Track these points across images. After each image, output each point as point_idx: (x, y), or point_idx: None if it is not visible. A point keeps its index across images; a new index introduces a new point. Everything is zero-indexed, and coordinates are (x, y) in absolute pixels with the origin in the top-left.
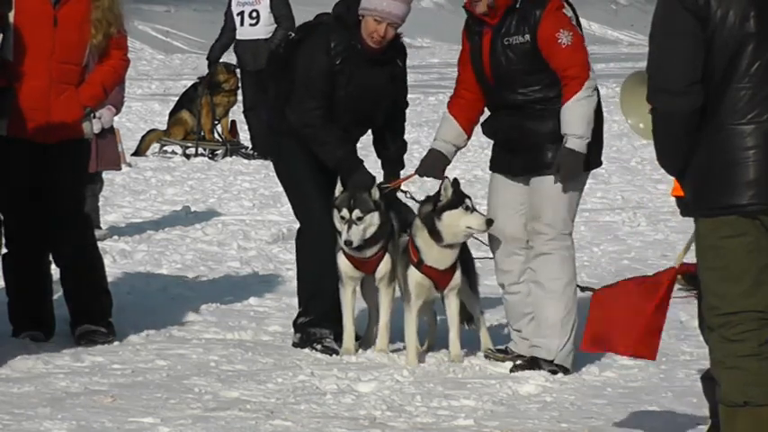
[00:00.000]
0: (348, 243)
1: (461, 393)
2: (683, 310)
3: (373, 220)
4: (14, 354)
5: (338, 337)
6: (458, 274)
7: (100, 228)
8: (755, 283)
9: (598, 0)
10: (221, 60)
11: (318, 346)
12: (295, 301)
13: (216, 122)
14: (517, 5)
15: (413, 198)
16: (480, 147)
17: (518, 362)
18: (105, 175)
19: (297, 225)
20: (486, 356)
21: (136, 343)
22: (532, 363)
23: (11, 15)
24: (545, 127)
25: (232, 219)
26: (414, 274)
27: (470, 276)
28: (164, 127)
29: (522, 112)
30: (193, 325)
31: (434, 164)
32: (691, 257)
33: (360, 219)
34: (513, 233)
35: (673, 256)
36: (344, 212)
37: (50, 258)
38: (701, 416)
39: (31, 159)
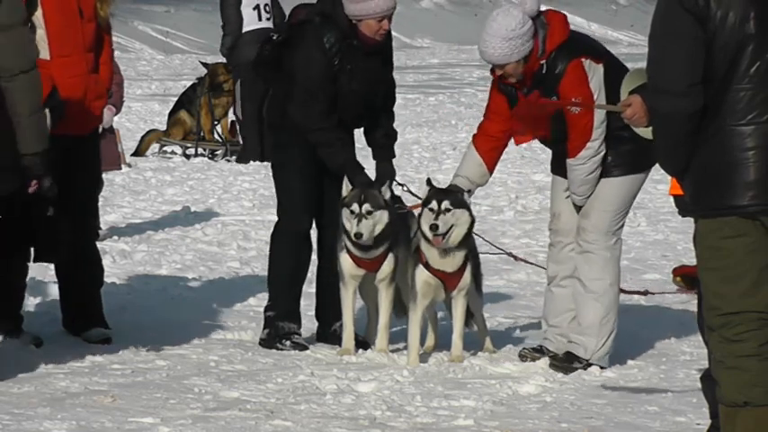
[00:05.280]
0: (358, 236)
1: (461, 393)
2: (683, 310)
3: (383, 217)
4: (14, 353)
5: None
6: (467, 276)
7: (100, 228)
8: (756, 283)
9: (598, 0)
10: (220, 61)
11: (287, 343)
12: None
13: (215, 123)
14: (543, 71)
15: (410, 191)
16: None
17: (554, 361)
18: (105, 175)
19: None
20: (522, 356)
21: (136, 343)
22: (568, 358)
23: (39, 15)
24: None
25: (232, 219)
26: (421, 273)
27: (476, 276)
28: (163, 127)
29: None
30: (193, 325)
31: None
32: (691, 258)
33: (369, 213)
34: (573, 229)
35: (673, 257)
36: (354, 207)
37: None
38: (701, 416)
39: (65, 154)
